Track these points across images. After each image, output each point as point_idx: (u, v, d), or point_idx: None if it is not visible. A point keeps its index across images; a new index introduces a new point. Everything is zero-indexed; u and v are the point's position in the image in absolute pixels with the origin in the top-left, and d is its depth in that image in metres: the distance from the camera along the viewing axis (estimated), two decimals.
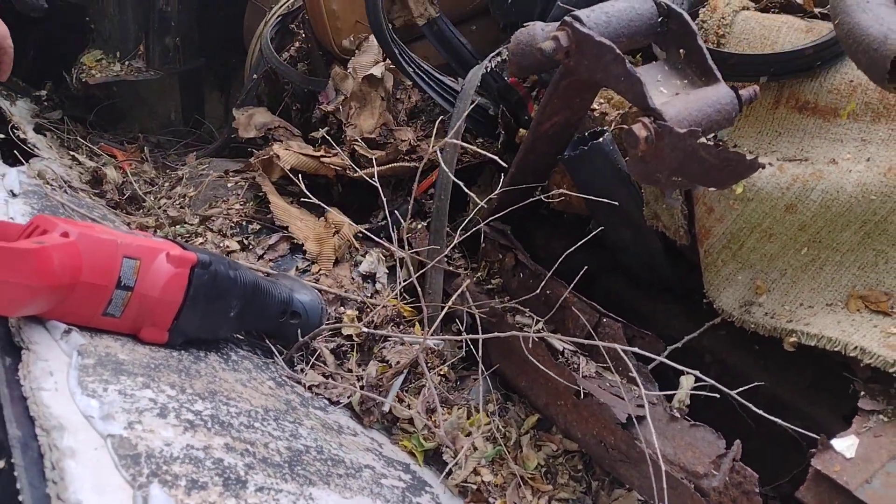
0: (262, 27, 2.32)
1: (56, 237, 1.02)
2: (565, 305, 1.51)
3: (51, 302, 1.02)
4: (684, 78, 1.27)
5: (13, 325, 0.98)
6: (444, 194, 1.72)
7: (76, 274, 1.03)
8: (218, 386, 1.12)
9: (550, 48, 1.25)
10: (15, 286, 0.95)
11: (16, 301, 0.96)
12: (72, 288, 1.03)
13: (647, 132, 1.16)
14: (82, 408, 0.86)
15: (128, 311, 1.11)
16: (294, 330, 1.50)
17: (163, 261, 1.14)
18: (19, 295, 0.96)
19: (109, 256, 1.08)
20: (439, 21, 1.98)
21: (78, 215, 1.52)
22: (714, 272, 1.43)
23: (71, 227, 1.06)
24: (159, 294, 1.13)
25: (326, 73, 2.13)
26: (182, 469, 0.86)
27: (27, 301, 0.98)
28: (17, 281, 0.95)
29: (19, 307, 0.98)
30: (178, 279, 1.16)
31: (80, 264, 1.03)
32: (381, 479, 1.19)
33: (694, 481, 1.23)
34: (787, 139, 1.42)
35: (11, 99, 2.20)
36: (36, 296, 0.98)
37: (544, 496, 1.38)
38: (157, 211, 1.88)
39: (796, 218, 1.33)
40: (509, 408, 1.54)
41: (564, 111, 1.46)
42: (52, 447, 0.78)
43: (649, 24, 1.28)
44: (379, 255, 1.79)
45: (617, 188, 1.52)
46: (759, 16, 1.48)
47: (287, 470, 1.00)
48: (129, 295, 1.11)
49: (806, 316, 1.33)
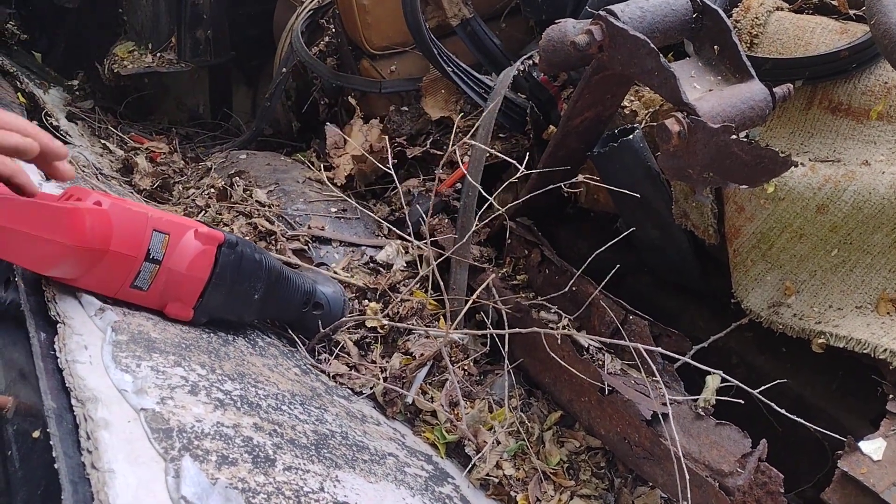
0: (293, 21, 2.34)
1: (89, 204, 1.04)
2: (591, 302, 1.51)
3: (81, 266, 1.03)
4: (718, 74, 1.27)
5: (49, 300, 0.99)
6: (472, 191, 1.72)
7: (106, 241, 1.04)
8: (246, 369, 1.13)
9: (584, 42, 1.26)
10: (48, 242, 0.97)
11: (48, 258, 0.98)
12: (102, 255, 1.04)
13: (680, 127, 1.15)
14: (116, 381, 0.87)
15: (155, 284, 1.11)
16: (316, 321, 1.50)
17: (191, 237, 1.15)
18: (52, 251, 0.98)
19: (139, 228, 1.09)
20: (473, 21, 1.99)
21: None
22: (743, 272, 1.43)
23: (104, 197, 1.07)
24: (186, 270, 1.14)
25: (355, 67, 2.14)
26: (213, 445, 0.87)
27: (59, 259, 1.00)
28: (51, 237, 0.97)
29: (51, 265, 1.00)
30: (204, 256, 1.16)
31: (110, 233, 1.05)
32: (405, 467, 1.20)
33: (718, 480, 1.22)
34: (820, 140, 1.41)
35: (44, 88, 2.23)
36: (68, 255, 1.00)
37: (566, 492, 1.38)
38: (185, 200, 1.90)
39: (827, 219, 1.32)
40: (532, 403, 1.53)
41: (595, 107, 1.46)
42: (86, 417, 0.79)
43: (683, 19, 1.28)
44: (398, 247, 1.79)
45: (646, 186, 1.52)
46: (792, 16, 1.47)
47: (314, 452, 1.01)
48: (156, 269, 1.11)
49: (835, 318, 1.32)
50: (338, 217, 1.86)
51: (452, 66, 1.88)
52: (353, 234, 1.83)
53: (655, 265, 1.66)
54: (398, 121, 2.07)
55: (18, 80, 2.07)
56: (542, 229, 1.71)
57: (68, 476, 0.77)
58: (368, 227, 1.88)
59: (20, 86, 2.06)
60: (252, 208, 1.78)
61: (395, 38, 2.08)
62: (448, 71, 1.87)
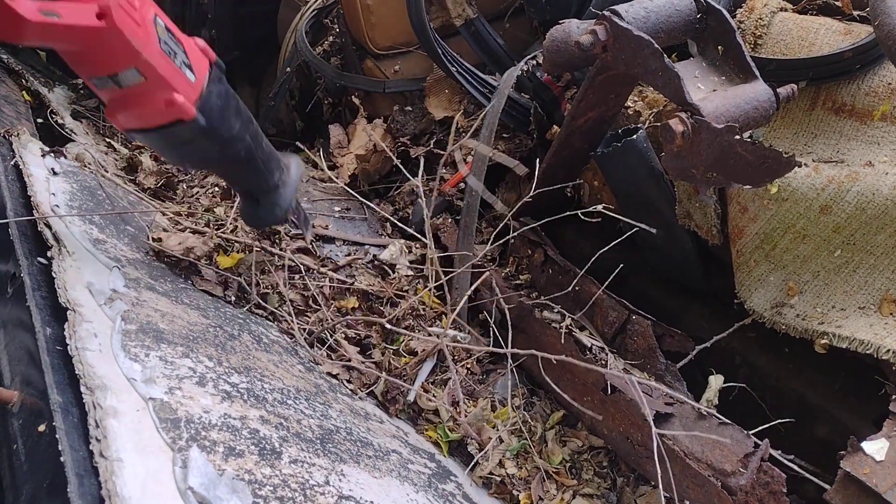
0: (297, 21, 2.34)
1: None
2: (595, 302, 1.51)
3: None
4: (722, 75, 1.27)
5: (60, 287, 1.00)
6: (475, 191, 1.72)
7: None
8: (252, 363, 1.14)
9: (588, 42, 1.26)
10: None
11: None
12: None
13: (684, 127, 1.16)
14: (125, 370, 0.88)
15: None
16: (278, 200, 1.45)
17: (194, 44, 1.27)
18: None
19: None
20: (477, 22, 2.00)
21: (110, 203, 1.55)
22: (746, 272, 1.43)
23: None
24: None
25: (359, 67, 2.15)
26: (220, 436, 0.87)
27: None
28: None
29: None
30: (203, 59, 1.28)
31: None
32: (408, 464, 1.20)
33: (721, 479, 1.22)
34: (823, 141, 1.42)
35: (49, 86, 2.23)
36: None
37: (569, 490, 1.38)
38: (189, 199, 1.90)
39: (831, 219, 1.32)
40: (535, 403, 1.53)
41: (599, 107, 1.46)
42: (95, 405, 0.80)
43: (687, 20, 1.29)
44: (402, 247, 1.80)
45: (649, 186, 1.52)
46: (796, 17, 1.48)
47: (319, 446, 1.01)
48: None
49: (838, 318, 1.33)
50: (342, 216, 1.86)
51: (456, 65, 1.89)
52: (357, 233, 1.83)
53: (658, 265, 1.66)
54: (402, 120, 2.07)
55: (24, 77, 2.07)
56: (546, 229, 1.71)
57: (74, 469, 0.78)
58: (372, 227, 1.88)
59: (25, 84, 2.06)
60: None
61: (398, 37, 2.08)
62: (452, 71, 1.88)
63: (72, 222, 1.27)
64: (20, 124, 1.62)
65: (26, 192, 1.33)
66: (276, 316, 1.52)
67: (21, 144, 1.49)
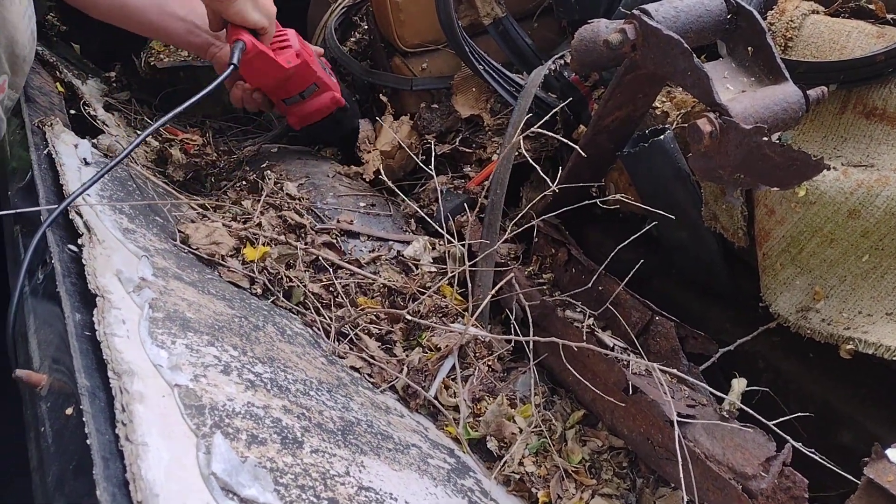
0: (327, 17, 2.36)
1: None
2: (618, 302, 1.51)
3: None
4: (751, 76, 1.26)
5: (89, 274, 1.01)
6: (500, 189, 1.73)
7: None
8: (276, 354, 1.15)
9: (617, 40, 1.26)
10: None
11: None
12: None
13: (712, 127, 1.15)
14: (152, 356, 0.89)
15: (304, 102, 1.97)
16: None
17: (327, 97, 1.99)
18: None
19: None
20: (505, 21, 2.01)
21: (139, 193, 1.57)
22: (772, 276, 1.42)
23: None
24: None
25: (387, 64, 2.16)
26: (243, 424, 0.88)
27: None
28: None
29: None
30: (326, 64, 2.06)
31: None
32: (428, 458, 1.21)
33: (742, 482, 1.21)
34: (853, 145, 1.40)
35: (82, 78, 2.27)
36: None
37: (588, 490, 1.38)
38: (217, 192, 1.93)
39: (859, 224, 1.31)
40: (555, 401, 1.53)
41: (627, 106, 1.46)
42: (122, 390, 0.81)
43: (718, 20, 1.28)
44: (426, 243, 1.80)
45: (676, 187, 1.52)
46: (828, 20, 1.46)
47: (340, 437, 1.02)
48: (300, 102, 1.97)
49: (864, 324, 1.31)
50: (366, 212, 1.88)
51: (484, 64, 1.89)
52: (382, 229, 1.84)
53: (683, 267, 1.65)
54: (428, 118, 2.08)
55: (58, 69, 2.11)
56: (570, 229, 1.71)
57: (100, 452, 0.79)
58: (396, 223, 1.89)
59: (59, 75, 2.10)
60: (282, 201, 1.80)
61: (427, 35, 2.09)
62: (479, 69, 1.88)
63: (102, 211, 1.29)
64: (53, 115, 1.65)
65: (58, 180, 1.35)
66: (300, 309, 1.53)
67: (54, 134, 1.52)
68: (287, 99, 1.93)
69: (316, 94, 1.94)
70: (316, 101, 1.95)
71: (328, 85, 1.95)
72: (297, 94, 1.92)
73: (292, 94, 1.92)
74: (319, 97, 1.95)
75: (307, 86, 1.91)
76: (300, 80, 1.89)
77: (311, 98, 1.94)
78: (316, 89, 1.93)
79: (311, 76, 1.90)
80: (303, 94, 1.92)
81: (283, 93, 1.92)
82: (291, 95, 1.92)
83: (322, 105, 1.96)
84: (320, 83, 1.93)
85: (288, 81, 1.88)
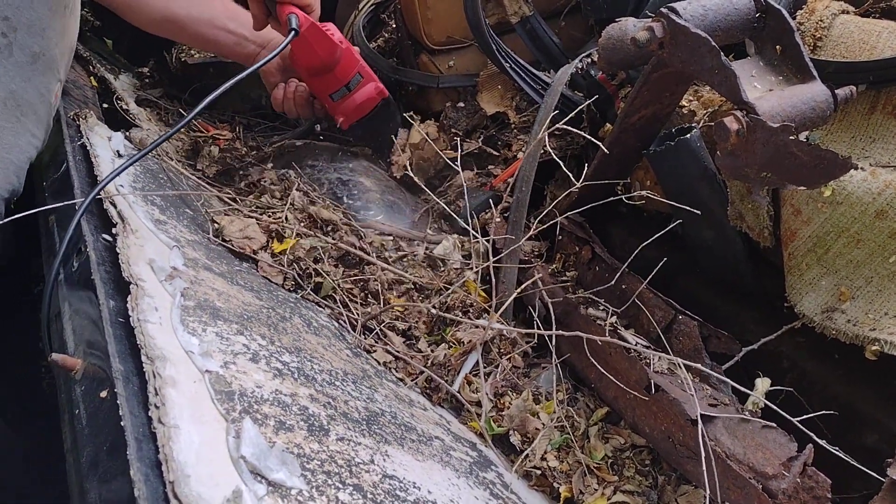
0: (355, 15, 2.38)
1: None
2: (640, 301, 1.51)
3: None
4: (779, 75, 1.26)
5: (123, 262, 1.04)
6: (526, 186, 1.73)
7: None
8: (302, 344, 1.17)
9: (645, 38, 1.26)
10: None
11: None
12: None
13: (739, 125, 1.16)
14: (183, 343, 0.91)
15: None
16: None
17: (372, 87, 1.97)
18: None
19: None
20: (532, 19, 2.01)
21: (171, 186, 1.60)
22: (797, 276, 1.42)
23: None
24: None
25: (414, 62, 2.18)
26: (271, 410, 0.90)
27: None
28: None
29: None
30: (372, 100, 1.98)
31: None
32: (450, 451, 1.22)
33: (762, 482, 1.21)
34: (882, 145, 1.39)
35: (115, 73, 2.31)
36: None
37: (610, 486, 1.38)
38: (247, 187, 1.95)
39: (886, 225, 1.30)
40: (578, 398, 1.54)
41: (654, 104, 1.46)
42: (155, 374, 0.83)
43: (746, 19, 1.28)
44: (455, 241, 1.82)
45: (702, 186, 1.52)
46: (858, 20, 1.46)
47: (365, 427, 1.04)
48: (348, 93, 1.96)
49: (890, 325, 1.30)
50: (394, 209, 1.89)
51: (510, 62, 1.90)
52: (410, 226, 1.86)
53: (708, 266, 1.65)
54: (454, 117, 2.09)
55: (91, 64, 2.15)
56: (594, 227, 1.71)
57: (133, 434, 0.81)
58: (423, 220, 1.91)
59: (92, 70, 2.14)
60: (311, 196, 1.82)
61: (454, 33, 2.11)
62: (506, 67, 1.89)
63: (135, 202, 1.32)
64: (87, 108, 1.68)
65: (93, 171, 1.39)
66: (327, 303, 1.55)
67: (88, 127, 1.56)
68: (334, 94, 1.92)
69: (361, 84, 1.92)
70: (363, 92, 1.93)
71: (371, 75, 1.96)
72: (344, 85, 1.91)
73: (339, 85, 1.90)
74: (365, 87, 1.93)
75: (352, 74, 1.91)
76: (346, 66, 1.89)
77: (358, 89, 1.93)
78: (360, 79, 1.92)
79: (354, 63, 1.91)
80: (349, 85, 1.91)
81: (330, 84, 1.90)
82: (338, 88, 1.91)
83: (369, 95, 1.95)
84: (364, 72, 1.93)
85: (336, 66, 1.86)
